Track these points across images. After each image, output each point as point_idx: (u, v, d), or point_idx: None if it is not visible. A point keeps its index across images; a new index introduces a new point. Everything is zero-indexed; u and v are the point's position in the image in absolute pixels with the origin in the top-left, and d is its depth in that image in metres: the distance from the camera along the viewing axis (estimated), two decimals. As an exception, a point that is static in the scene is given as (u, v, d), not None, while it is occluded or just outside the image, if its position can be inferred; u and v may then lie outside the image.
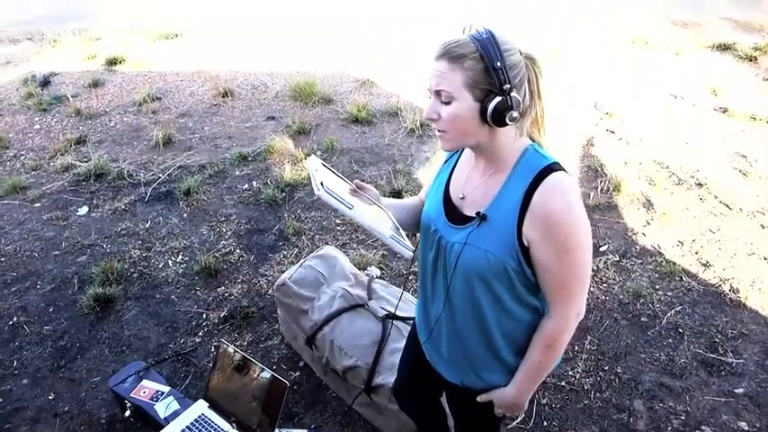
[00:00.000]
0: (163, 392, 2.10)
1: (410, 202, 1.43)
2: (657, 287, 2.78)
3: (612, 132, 4.04)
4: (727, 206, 3.31)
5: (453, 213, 1.20)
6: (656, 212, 3.26)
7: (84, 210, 3.40)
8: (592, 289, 2.76)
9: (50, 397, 2.28)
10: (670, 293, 2.74)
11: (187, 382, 2.33)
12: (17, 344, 2.52)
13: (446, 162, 1.32)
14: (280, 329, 2.52)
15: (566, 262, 1.09)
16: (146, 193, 3.50)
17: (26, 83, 4.97)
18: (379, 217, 1.21)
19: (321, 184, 1.10)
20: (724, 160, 3.71)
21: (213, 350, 2.44)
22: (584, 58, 5.16)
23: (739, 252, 2.98)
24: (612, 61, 5.08)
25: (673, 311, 2.64)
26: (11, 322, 2.62)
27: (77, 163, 3.82)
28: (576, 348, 2.47)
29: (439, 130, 1.11)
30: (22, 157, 4.00)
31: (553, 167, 1.09)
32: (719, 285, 2.78)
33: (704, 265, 2.90)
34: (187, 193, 3.46)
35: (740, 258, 2.94)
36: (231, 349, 2.01)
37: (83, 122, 4.38)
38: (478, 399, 1.29)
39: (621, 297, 2.73)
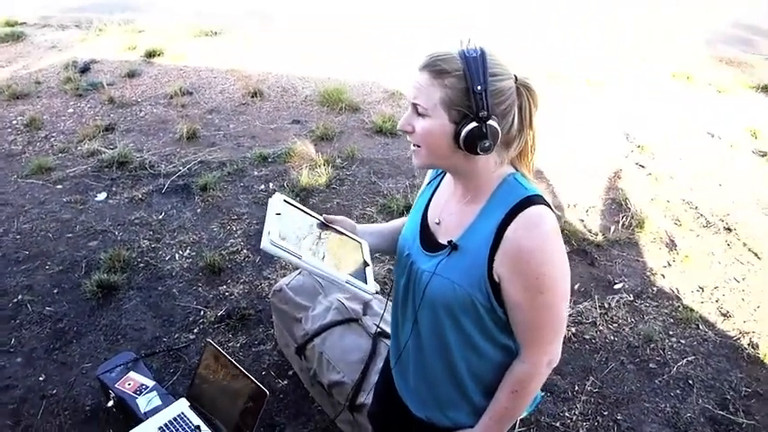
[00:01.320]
0: (147, 386, 2.09)
1: (391, 227, 1.37)
2: (671, 333, 2.64)
3: (642, 166, 3.91)
4: (755, 255, 3.15)
5: (428, 239, 1.15)
6: (678, 254, 3.12)
7: (102, 195, 3.45)
8: (600, 327, 2.65)
9: (41, 378, 2.30)
10: (684, 341, 2.61)
11: (175, 378, 2.31)
12: (18, 322, 2.55)
13: (429, 183, 1.26)
14: (274, 335, 2.49)
15: (537, 303, 1.01)
16: (164, 185, 3.53)
17: (67, 68, 5.12)
18: (345, 254, 1.17)
19: (268, 234, 1.06)
20: (757, 206, 3.54)
21: (202, 348, 2.42)
22: (620, 87, 5.03)
23: (763, 305, 2.82)
24: (650, 93, 4.94)
25: (684, 361, 2.50)
26: (15, 300, 2.66)
27: (103, 149, 3.89)
28: (577, 388, 2.37)
29: (413, 144, 1.05)
30: (52, 139, 4.10)
31: (533, 200, 1.01)
32: (738, 338, 2.63)
33: (724, 314, 2.76)
34: (204, 188, 3.48)
35: (764, 312, 2.78)
36: (217, 351, 1.98)
37: (114, 110, 4.47)
38: None
39: (631, 339, 2.60)
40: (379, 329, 2.10)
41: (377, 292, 1.17)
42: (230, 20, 6.43)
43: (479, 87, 0.95)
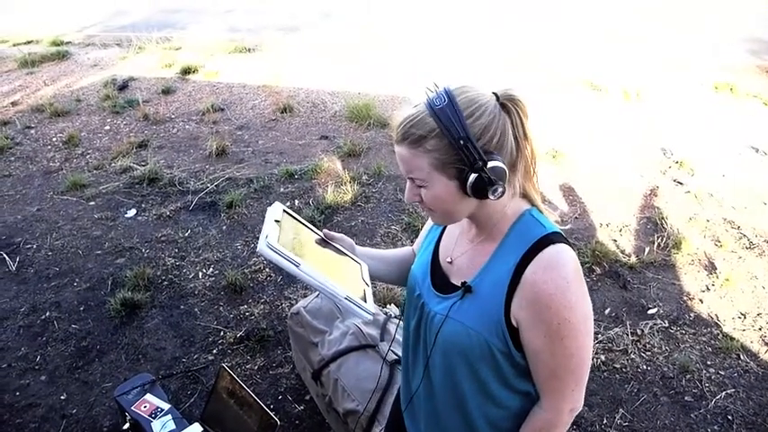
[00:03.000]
0: (162, 410, 2.08)
1: (395, 254, 1.32)
2: (709, 363, 2.49)
3: (680, 183, 3.74)
4: (804, 279, 2.95)
5: (439, 278, 1.09)
6: (718, 277, 2.95)
7: (132, 212, 3.52)
8: (632, 356, 2.52)
9: (62, 397, 2.33)
10: (723, 373, 2.45)
11: (192, 400, 2.31)
12: (44, 339, 2.61)
13: None
14: (292, 358, 2.46)
15: (557, 350, 0.94)
16: (191, 202, 3.58)
17: (106, 85, 5.29)
18: (344, 272, 1.11)
19: (266, 237, 1.01)
20: (807, 227, 3.33)
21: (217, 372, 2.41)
22: (659, 98, 4.84)
23: (813, 334, 2.63)
24: (690, 105, 4.74)
25: (723, 394, 2.35)
26: (43, 317, 2.73)
27: (135, 166, 3.98)
28: (605, 421, 2.24)
29: (427, 208, 1.00)
30: (88, 156, 4.22)
31: (551, 238, 0.95)
32: (783, 371, 2.45)
33: (767, 344, 2.59)
34: (230, 205, 3.51)
35: (813, 342, 2.59)
36: (231, 376, 1.96)
37: (148, 127, 4.58)
38: None
39: (665, 370, 2.46)
40: (395, 357, 2.04)
41: (371, 317, 1.10)
42: (264, 36, 6.54)
43: (461, 140, 0.90)
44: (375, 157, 4.09)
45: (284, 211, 1.16)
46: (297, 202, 3.60)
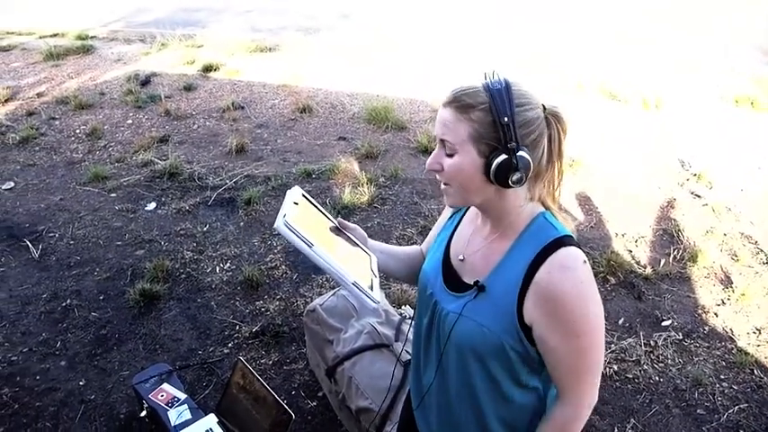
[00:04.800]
0: (179, 399, 2.12)
1: (404, 251, 1.34)
2: (722, 377, 2.48)
3: (698, 196, 3.72)
4: (821, 297, 2.92)
5: (451, 277, 1.11)
6: (734, 291, 2.94)
7: (152, 205, 3.57)
8: (645, 366, 2.52)
9: (81, 383, 2.38)
10: (736, 387, 2.44)
11: (207, 392, 2.35)
12: (65, 325, 2.66)
13: (450, 218, 1.23)
14: (306, 354, 2.49)
15: (575, 348, 0.97)
16: (210, 197, 3.63)
17: (129, 80, 5.37)
18: (354, 261, 1.13)
19: (284, 216, 1.04)
20: (826, 244, 3.30)
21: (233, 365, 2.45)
22: (678, 109, 4.83)
23: (829, 353, 2.61)
24: (710, 118, 4.72)
25: (736, 408, 2.34)
26: (64, 304, 2.78)
27: (156, 160, 4.04)
28: (616, 431, 2.25)
29: (443, 183, 1.03)
30: (110, 149, 4.29)
31: (564, 241, 0.98)
32: (798, 388, 2.44)
33: (783, 360, 2.57)
34: (248, 202, 3.55)
35: (829, 360, 2.57)
36: (247, 369, 1.99)
37: (169, 122, 4.65)
38: None
39: (678, 382, 2.46)
40: (410, 358, 2.06)
41: (378, 305, 1.12)
42: (284, 37, 6.60)
43: (506, 119, 0.93)
44: (392, 159, 4.12)
45: (303, 195, 1.19)
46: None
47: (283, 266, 3.04)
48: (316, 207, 1.21)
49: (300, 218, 1.08)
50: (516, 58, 5.74)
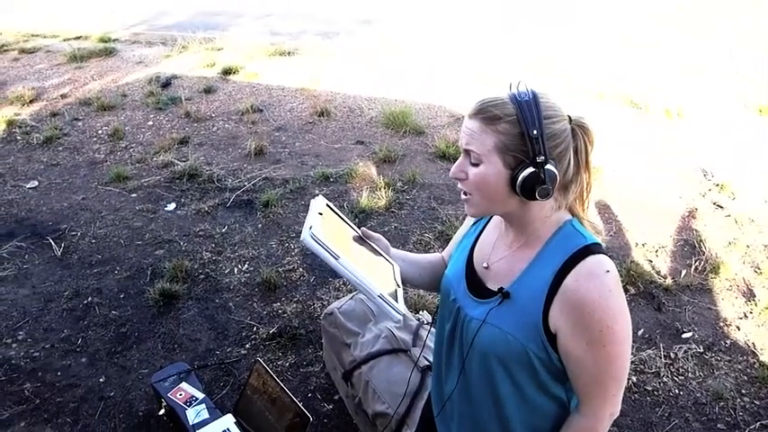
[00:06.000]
0: (197, 398, 2.14)
1: (426, 259, 1.34)
2: (744, 392, 2.44)
3: (720, 207, 3.67)
4: None
5: (475, 283, 1.11)
6: (756, 305, 2.89)
7: (171, 206, 3.61)
8: (665, 379, 2.48)
9: (101, 380, 2.41)
10: (758, 402, 2.39)
11: (224, 392, 2.36)
12: (86, 323, 2.70)
13: (474, 224, 1.22)
14: (323, 357, 2.50)
15: (599, 357, 0.96)
16: (229, 199, 3.66)
17: (150, 82, 5.45)
18: (378, 271, 1.13)
19: (310, 228, 1.04)
20: None
21: (251, 366, 2.46)
22: (701, 118, 4.77)
23: None
24: (733, 127, 4.66)
25: (758, 424, 2.30)
26: (85, 301, 2.82)
27: (176, 161, 4.09)
28: (635, 443, 2.22)
29: (464, 193, 1.03)
30: (131, 150, 4.35)
31: (592, 249, 0.97)
32: (823, 404, 2.39)
33: (807, 376, 2.52)
34: (266, 204, 3.58)
35: None
36: (266, 370, 2.00)
37: (189, 124, 4.70)
38: None
39: (698, 395, 2.42)
40: (427, 363, 2.06)
41: (401, 317, 1.12)
42: (303, 41, 6.65)
43: (535, 132, 0.93)
44: (410, 164, 4.12)
45: (327, 204, 1.19)
46: (331, 204, 3.64)
47: (301, 269, 3.06)
48: (339, 216, 1.22)
49: (326, 229, 1.09)
50: (521, 62, 5.73)
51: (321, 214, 1.13)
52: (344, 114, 4.91)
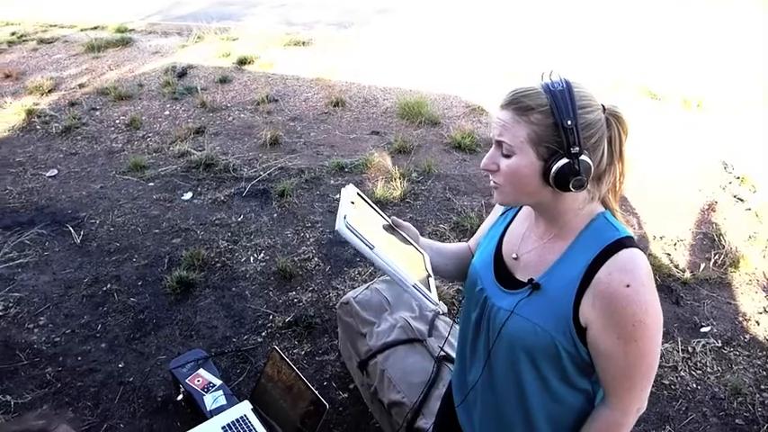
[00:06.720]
0: (214, 385, 2.16)
1: (452, 248, 1.33)
2: (763, 388, 2.41)
3: (741, 200, 3.61)
4: None
5: (503, 274, 1.10)
6: (777, 300, 2.85)
7: (188, 195, 3.64)
8: (682, 373, 2.46)
9: (120, 365, 2.44)
10: (778, 397, 2.37)
11: (240, 379, 2.38)
12: (105, 309, 2.74)
13: (503, 214, 1.21)
14: (338, 346, 2.51)
15: (630, 351, 0.95)
16: (244, 189, 3.68)
17: (166, 72, 5.47)
18: (409, 260, 1.13)
19: (344, 217, 1.04)
20: None
21: (268, 354, 2.48)
22: (721, 109, 4.69)
23: None
24: (754, 119, 4.57)
25: (777, 419, 2.27)
26: (104, 288, 2.86)
27: (192, 151, 4.11)
28: (651, 436, 2.21)
29: (494, 182, 1.02)
30: (149, 139, 4.39)
31: (625, 242, 0.96)
32: (844, 400, 2.35)
33: (828, 372, 2.48)
34: (281, 194, 3.59)
35: None
36: (283, 358, 2.02)
37: (205, 114, 4.72)
38: None
39: (716, 390, 2.40)
40: (443, 354, 2.06)
41: (437, 306, 1.11)
42: (318, 31, 6.64)
43: (569, 122, 0.91)
44: (425, 154, 4.11)
45: (357, 193, 1.18)
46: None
47: (316, 258, 3.07)
48: (370, 205, 1.21)
49: (359, 218, 1.08)
50: (537, 52, 5.66)
51: (353, 203, 1.12)
52: (359, 104, 4.90)
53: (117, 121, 4.67)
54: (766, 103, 4.86)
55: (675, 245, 3.21)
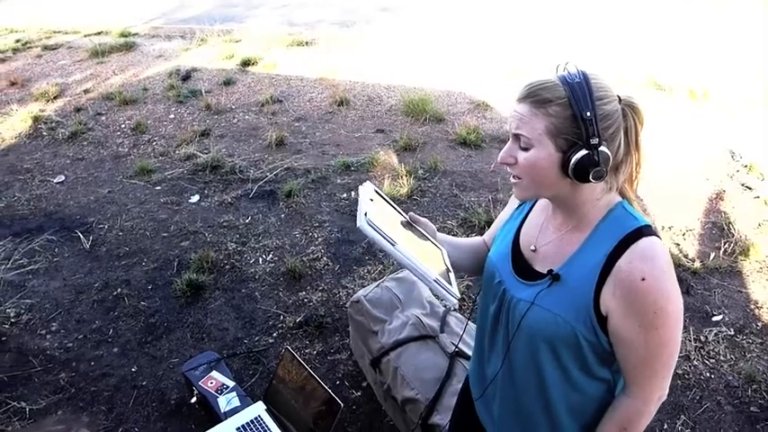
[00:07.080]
0: (228, 386, 2.17)
1: (468, 243, 1.34)
2: (777, 375, 2.40)
3: (749, 188, 3.59)
4: None
5: (522, 266, 1.10)
6: (789, 287, 2.83)
7: (195, 198, 3.65)
8: (695, 362, 2.45)
9: (133, 369, 2.46)
10: (793, 385, 2.35)
11: (253, 380, 2.39)
12: (116, 314, 2.75)
13: (519, 207, 1.21)
14: (350, 345, 2.52)
15: (651, 339, 0.95)
16: (251, 190, 3.69)
17: (171, 76, 5.49)
18: (428, 255, 1.13)
19: (365, 214, 1.04)
20: None
21: (280, 354, 2.49)
22: (727, 98, 4.65)
23: None
24: (761, 107, 4.53)
25: (793, 407, 2.26)
26: (115, 293, 2.87)
27: (198, 153, 4.12)
28: (666, 427, 2.20)
29: (514, 176, 1.02)
30: (154, 143, 4.40)
31: (644, 231, 0.96)
32: None
33: (843, 359, 2.46)
34: (288, 194, 3.60)
35: None
36: (295, 358, 2.02)
37: (210, 117, 4.74)
38: None
39: (730, 378, 2.39)
40: (456, 350, 2.06)
41: (459, 301, 1.12)
42: (321, 30, 6.64)
43: (588, 114, 0.92)
44: (431, 151, 4.10)
45: (375, 190, 1.19)
46: (353, 193, 3.65)
47: (325, 258, 3.07)
48: (388, 202, 1.21)
49: (379, 215, 1.08)
50: (541, 47, 5.63)
51: (372, 200, 1.13)
52: (364, 103, 4.89)
53: (123, 126, 4.69)
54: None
55: (684, 235, 3.20)
